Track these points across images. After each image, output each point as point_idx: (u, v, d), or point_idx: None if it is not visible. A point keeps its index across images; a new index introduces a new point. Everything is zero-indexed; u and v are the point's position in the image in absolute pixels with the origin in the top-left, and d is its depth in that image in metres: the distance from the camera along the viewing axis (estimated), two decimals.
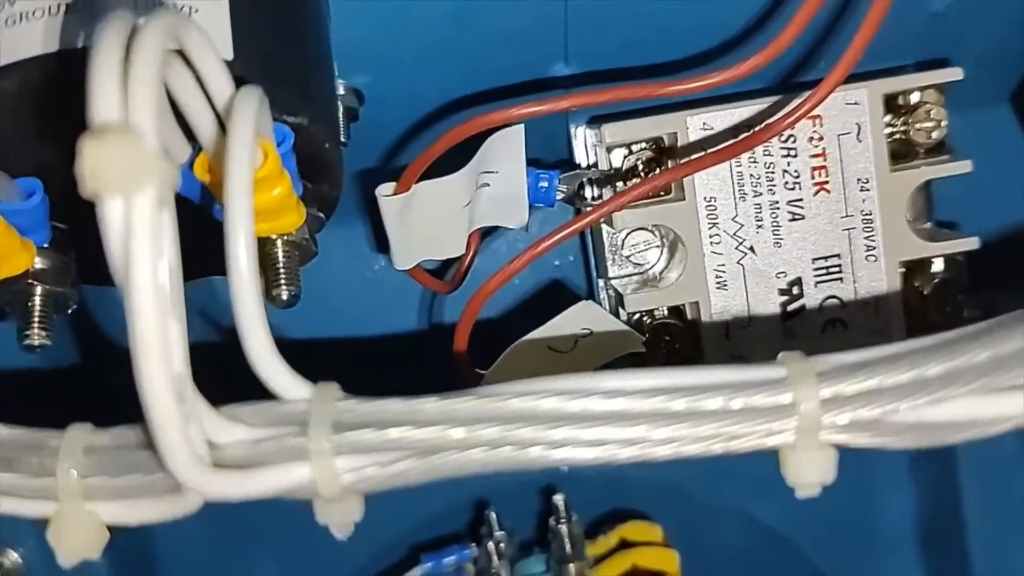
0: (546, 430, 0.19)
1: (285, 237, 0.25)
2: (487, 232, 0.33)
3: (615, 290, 0.32)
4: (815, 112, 0.29)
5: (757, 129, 0.28)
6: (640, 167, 0.29)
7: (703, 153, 0.28)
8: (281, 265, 0.25)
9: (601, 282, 0.33)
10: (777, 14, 0.28)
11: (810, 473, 0.20)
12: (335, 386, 0.20)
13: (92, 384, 0.32)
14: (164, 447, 0.18)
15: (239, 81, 0.21)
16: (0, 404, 0.21)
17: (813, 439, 0.20)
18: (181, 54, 0.20)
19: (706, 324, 0.31)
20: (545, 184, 0.30)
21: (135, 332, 0.16)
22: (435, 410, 0.20)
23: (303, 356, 0.21)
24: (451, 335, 0.29)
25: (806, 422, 0.20)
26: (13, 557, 0.37)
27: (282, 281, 0.25)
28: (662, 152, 0.30)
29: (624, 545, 0.37)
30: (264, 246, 0.25)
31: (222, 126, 0.21)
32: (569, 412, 0.20)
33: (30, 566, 0.36)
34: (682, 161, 0.28)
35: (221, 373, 0.20)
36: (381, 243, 0.31)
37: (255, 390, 0.20)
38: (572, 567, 0.35)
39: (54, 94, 0.22)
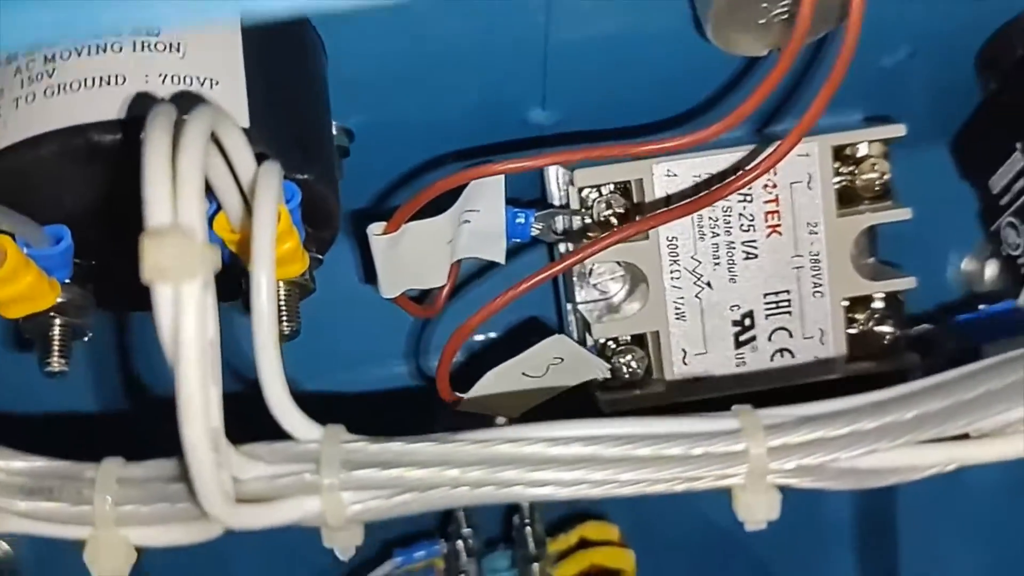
0: (528, 472, 0.22)
1: (288, 280, 0.27)
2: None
3: (582, 315, 0.35)
4: None
5: (718, 187, 0.31)
6: (609, 213, 0.32)
7: (669, 208, 0.31)
8: (283, 304, 0.27)
9: (569, 306, 0.35)
10: (745, 80, 0.31)
11: (758, 512, 0.23)
12: (341, 428, 0.23)
13: (114, 422, 0.34)
14: (200, 489, 0.20)
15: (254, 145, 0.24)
16: (36, 439, 0.24)
17: (761, 482, 0.23)
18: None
19: (665, 351, 0.33)
20: (522, 220, 0.33)
21: (182, 396, 0.19)
22: (432, 453, 0.22)
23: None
24: (434, 354, 0.32)
25: (755, 468, 0.22)
26: (3, 547, 0.39)
27: (283, 318, 0.27)
28: (629, 196, 0.33)
29: (583, 544, 0.40)
30: None
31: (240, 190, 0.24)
32: (549, 456, 0.22)
33: (18, 554, 0.39)
34: (650, 215, 0.31)
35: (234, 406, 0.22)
36: (368, 272, 0.33)
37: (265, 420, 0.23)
38: (536, 566, 0.38)
39: (91, 160, 0.24)
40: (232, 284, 0.26)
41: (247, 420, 0.22)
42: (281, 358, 0.22)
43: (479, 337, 0.38)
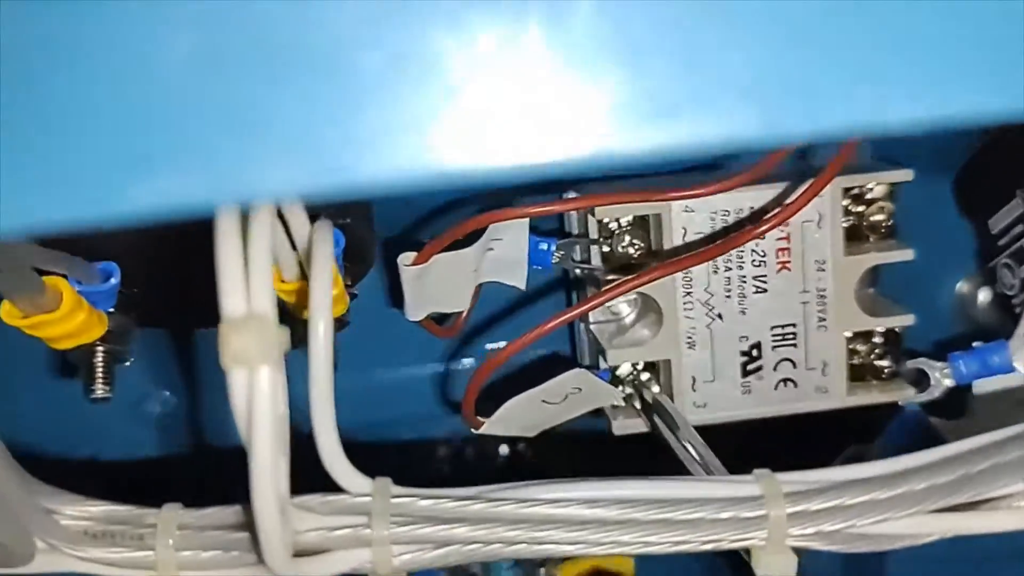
0: (565, 532, 0.24)
1: None
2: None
3: (594, 335, 0.36)
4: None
5: (735, 235, 0.32)
6: (630, 249, 0.33)
7: (687, 255, 0.32)
8: None
9: (582, 325, 0.37)
10: None
11: (775, 570, 0.25)
12: (389, 481, 0.24)
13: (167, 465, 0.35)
14: (266, 550, 0.22)
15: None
16: (91, 481, 0.25)
17: (780, 545, 0.24)
18: None
19: (676, 378, 0.35)
20: (544, 248, 0.34)
21: (255, 470, 0.20)
22: (477, 513, 0.24)
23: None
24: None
25: (774, 532, 0.24)
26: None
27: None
28: (647, 229, 0.34)
29: None
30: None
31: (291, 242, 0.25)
32: (585, 518, 0.24)
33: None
34: (668, 262, 0.32)
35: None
36: (395, 296, 0.34)
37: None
38: (542, 571, 0.40)
39: None
40: None
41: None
42: (334, 414, 0.23)
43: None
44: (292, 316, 0.27)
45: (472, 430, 0.33)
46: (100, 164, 0.16)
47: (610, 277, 0.33)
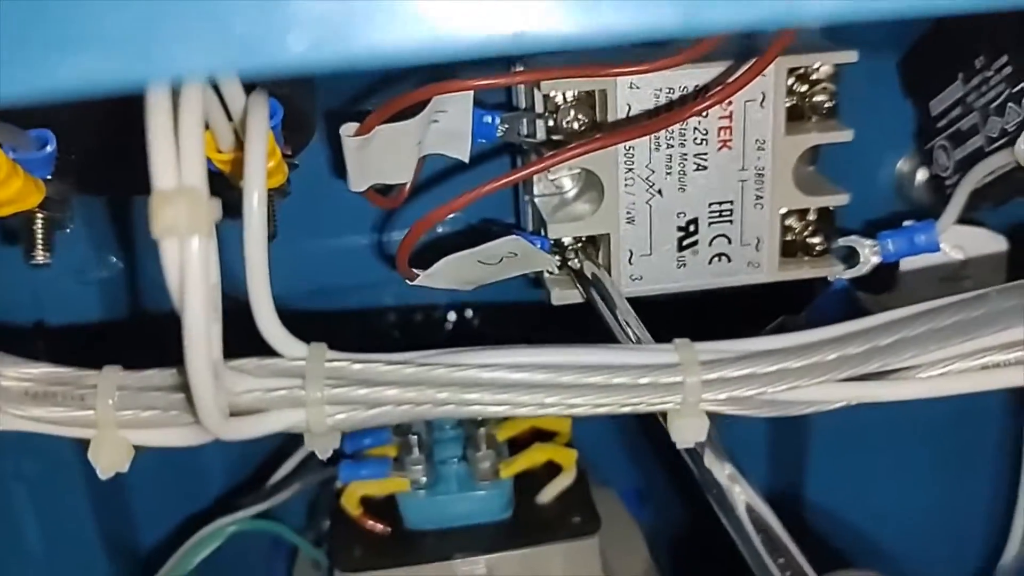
0: (492, 394, 0.25)
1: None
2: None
3: (537, 208, 0.37)
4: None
5: (677, 110, 0.32)
6: (575, 124, 0.34)
7: (629, 128, 0.33)
8: None
9: (526, 197, 0.37)
10: None
11: (687, 433, 0.26)
12: (324, 346, 0.25)
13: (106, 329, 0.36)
14: (201, 411, 0.23)
15: None
16: (33, 346, 0.26)
17: (694, 409, 0.26)
18: None
19: (614, 252, 0.36)
20: (488, 121, 0.34)
21: (188, 336, 0.21)
22: (409, 375, 0.25)
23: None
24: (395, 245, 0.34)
25: (689, 397, 0.25)
26: None
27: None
28: (592, 103, 0.34)
29: None
30: None
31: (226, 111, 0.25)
32: (512, 381, 0.25)
33: None
34: (611, 133, 0.33)
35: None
36: (338, 167, 0.35)
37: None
38: (482, 430, 0.41)
39: None
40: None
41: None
42: (269, 281, 0.24)
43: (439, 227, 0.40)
44: (231, 186, 0.28)
45: (407, 282, 0.34)
46: (27, 42, 0.16)
47: (554, 137, 0.34)
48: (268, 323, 0.24)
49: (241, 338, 0.25)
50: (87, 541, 0.42)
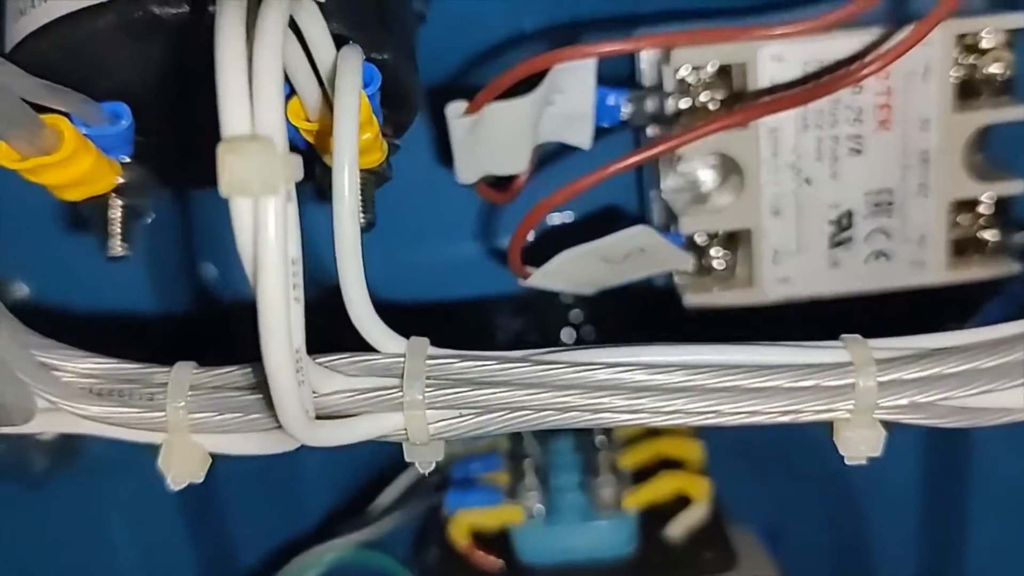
0: (626, 399, 0.21)
1: (364, 170, 0.26)
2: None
3: (665, 204, 0.33)
4: None
5: (829, 78, 0.28)
6: (705, 100, 0.30)
7: (774, 98, 0.29)
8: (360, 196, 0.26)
9: (653, 193, 0.33)
10: None
11: (860, 447, 0.22)
12: (426, 341, 0.22)
13: (183, 323, 0.33)
14: (281, 410, 0.19)
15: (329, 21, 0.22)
16: (101, 339, 0.23)
17: (867, 417, 0.21)
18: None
19: (756, 249, 0.32)
20: (612, 103, 0.31)
21: (264, 317, 0.18)
22: (524, 375, 0.21)
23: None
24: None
25: (862, 403, 0.21)
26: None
27: (360, 210, 0.26)
28: (729, 81, 0.30)
29: (651, 432, 0.39)
30: None
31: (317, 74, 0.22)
32: (652, 384, 0.21)
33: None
34: (752, 104, 0.29)
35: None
36: (444, 155, 0.31)
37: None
38: (603, 454, 0.37)
39: (151, 33, 0.22)
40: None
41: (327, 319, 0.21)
42: (363, 267, 0.21)
43: (556, 220, 0.36)
44: (321, 163, 0.25)
45: (519, 281, 0.30)
46: None
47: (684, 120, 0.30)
48: (361, 311, 0.21)
49: (332, 344, 0.22)
50: (182, 568, 0.39)
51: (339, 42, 0.22)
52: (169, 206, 0.32)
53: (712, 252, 0.32)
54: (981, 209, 0.32)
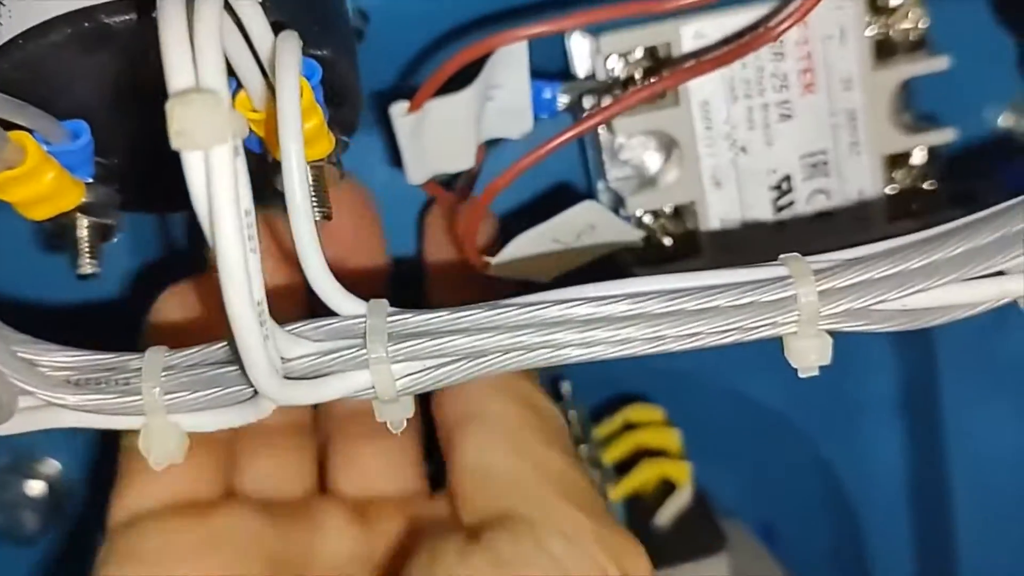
0: (579, 333, 0.22)
1: (314, 163, 0.27)
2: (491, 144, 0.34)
3: (615, 192, 0.34)
4: None
5: (749, 38, 0.30)
6: (638, 77, 0.31)
7: (698, 60, 0.30)
8: (312, 189, 0.27)
9: (601, 184, 0.35)
10: None
11: (810, 357, 0.22)
12: (385, 302, 0.23)
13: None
14: (248, 363, 0.20)
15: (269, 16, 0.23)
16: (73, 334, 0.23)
17: (812, 328, 0.22)
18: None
19: (703, 222, 0.33)
20: (548, 95, 0.32)
21: (224, 267, 0.19)
22: (480, 319, 0.22)
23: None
24: None
25: (806, 313, 0.22)
26: (54, 466, 0.39)
27: (314, 204, 0.27)
28: (658, 62, 0.32)
29: (628, 427, 0.40)
30: None
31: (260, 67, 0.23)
32: (600, 315, 0.22)
33: (68, 474, 0.39)
34: (679, 68, 0.30)
35: None
36: (393, 157, 0.32)
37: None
38: (583, 447, 0.38)
39: (102, 43, 0.24)
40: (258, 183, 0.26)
41: None
42: (318, 234, 0.22)
43: (507, 206, 0.37)
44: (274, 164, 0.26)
45: (480, 271, 0.31)
46: None
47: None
48: (319, 277, 0.22)
49: None
50: None
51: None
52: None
53: (659, 229, 0.33)
54: (914, 161, 0.34)
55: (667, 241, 0.33)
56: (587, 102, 0.32)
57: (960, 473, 0.42)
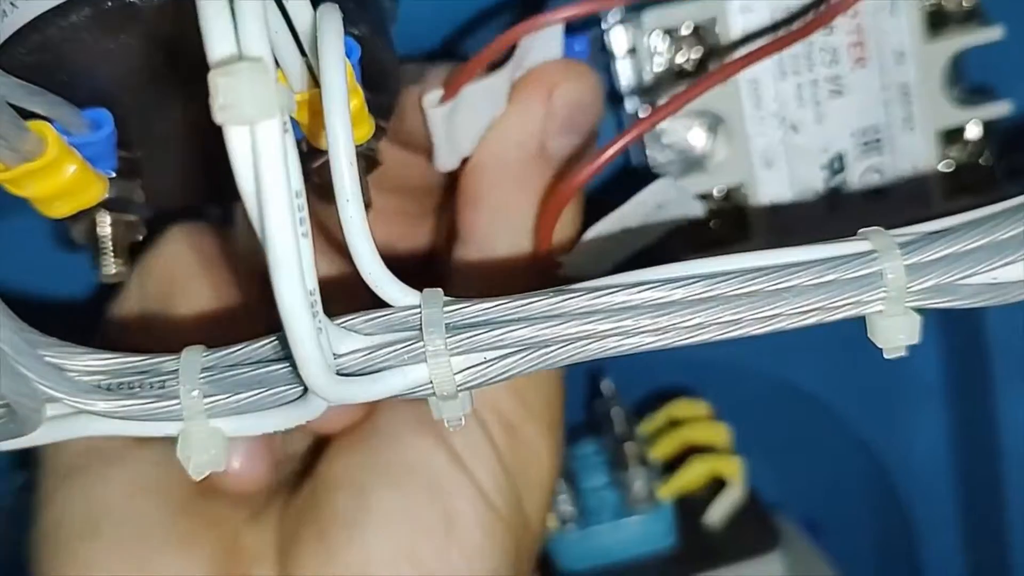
0: (652, 318, 0.20)
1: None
2: None
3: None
4: None
5: (801, 23, 0.28)
6: (686, 65, 0.30)
7: (750, 51, 0.28)
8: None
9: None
10: None
11: (899, 336, 0.21)
12: (439, 291, 0.21)
13: None
14: (301, 359, 0.18)
15: None
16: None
17: (899, 305, 0.21)
18: None
19: (752, 202, 0.31)
20: (578, 49, 0.30)
21: (273, 253, 0.17)
22: (543, 308, 0.20)
23: None
24: None
25: (894, 290, 0.20)
26: None
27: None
28: (702, 40, 0.30)
29: (672, 423, 0.38)
30: None
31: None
32: (673, 299, 0.20)
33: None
34: (730, 60, 0.29)
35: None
36: None
37: None
38: (629, 445, 0.36)
39: (127, 24, 0.22)
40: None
41: None
42: (368, 223, 0.20)
43: None
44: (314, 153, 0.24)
45: (558, 274, 0.29)
46: None
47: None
48: (371, 267, 0.20)
49: None
50: None
51: None
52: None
53: (707, 212, 0.32)
54: (969, 136, 0.32)
55: (715, 224, 0.32)
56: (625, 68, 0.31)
57: (1011, 461, 0.41)
